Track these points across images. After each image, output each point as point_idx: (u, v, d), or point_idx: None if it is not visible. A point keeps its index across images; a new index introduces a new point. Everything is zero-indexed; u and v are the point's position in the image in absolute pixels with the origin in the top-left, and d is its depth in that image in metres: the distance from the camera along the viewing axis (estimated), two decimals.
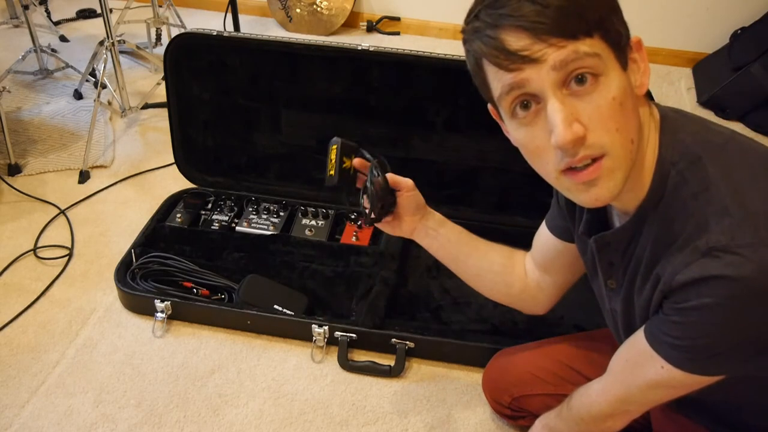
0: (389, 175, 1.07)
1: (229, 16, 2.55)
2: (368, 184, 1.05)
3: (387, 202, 1.07)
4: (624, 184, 0.75)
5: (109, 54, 2.20)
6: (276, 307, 1.54)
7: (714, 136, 0.79)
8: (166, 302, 1.54)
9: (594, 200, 0.75)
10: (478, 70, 0.77)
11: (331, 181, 1.07)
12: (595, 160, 0.72)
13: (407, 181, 1.08)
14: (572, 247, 1.03)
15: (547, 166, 0.75)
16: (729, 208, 0.71)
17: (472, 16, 0.74)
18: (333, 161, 1.06)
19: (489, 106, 0.83)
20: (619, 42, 0.72)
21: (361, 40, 1.91)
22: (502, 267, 1.16)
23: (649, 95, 0.82)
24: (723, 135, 0.80)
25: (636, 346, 0.85)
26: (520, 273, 1.16)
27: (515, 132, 0.78)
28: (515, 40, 0.69)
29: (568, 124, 0.69)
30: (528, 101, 0.73)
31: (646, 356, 0.83)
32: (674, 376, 0.80)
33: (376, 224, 1.09)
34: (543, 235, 1.10)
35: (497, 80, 0.74)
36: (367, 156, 1.08)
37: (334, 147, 1.07)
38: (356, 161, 1.08)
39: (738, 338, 0.74)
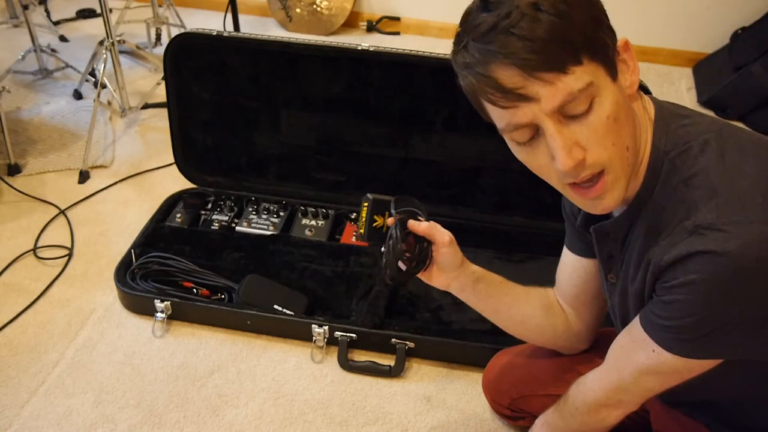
0: (427, 226, 0.98)
1: (229, 15, 2.55)
2: (383, 249, 0.99)
3: (412, 262, 0.99)
4: (627, 187, 0.78)
5: (108, 54, 2.20)
6: (276, 307, 1.53)
7: (707, 125, 0.80)
8: (165, 302, 1.54)
9: (602, 210, 0.79)
10: (475, 100, 0.78)
11: (361, 238, 1.03)
12: (596, 175, 0.75)
13: (443, 237, 0.98)
14: (597, 264, 1.00)
15: (552, 180, 0.79)
16: (717, 190, 0.73)
17: (461, 46, 0.73)
18: (363, 219, 1.02)
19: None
20: (607, 54, 0.73)
21: (361, 40, 1.90)
22: (544, 310, 1.12)
23: (644, 89, 0.83)
24: (716, 123, 0.81)
25: (631, 332, 0.86)
26: (559, 310, 1.13)
27: (517, 153, 0.80)
28: (507, 78, 0.70)
29: (567, 150, 0.72)
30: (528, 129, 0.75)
31: (639, 341, 0.83)
32: (665, 360, 0.81)
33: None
34: (567, 263, 1.08)
35: (495, 114, 0.76)
36: (392, 212, 1.01)
37: (365, 205, 1.01)
38: (390, 220, 1.00)
39: (724, 317, 0.74)
